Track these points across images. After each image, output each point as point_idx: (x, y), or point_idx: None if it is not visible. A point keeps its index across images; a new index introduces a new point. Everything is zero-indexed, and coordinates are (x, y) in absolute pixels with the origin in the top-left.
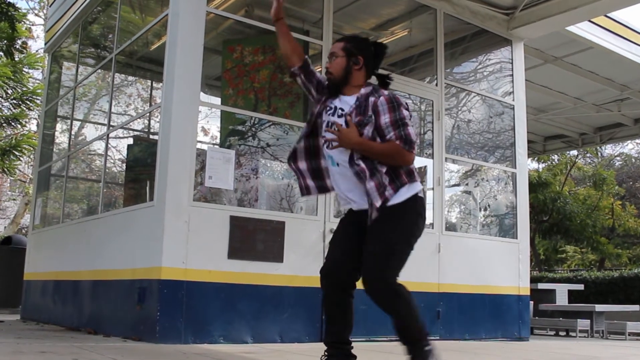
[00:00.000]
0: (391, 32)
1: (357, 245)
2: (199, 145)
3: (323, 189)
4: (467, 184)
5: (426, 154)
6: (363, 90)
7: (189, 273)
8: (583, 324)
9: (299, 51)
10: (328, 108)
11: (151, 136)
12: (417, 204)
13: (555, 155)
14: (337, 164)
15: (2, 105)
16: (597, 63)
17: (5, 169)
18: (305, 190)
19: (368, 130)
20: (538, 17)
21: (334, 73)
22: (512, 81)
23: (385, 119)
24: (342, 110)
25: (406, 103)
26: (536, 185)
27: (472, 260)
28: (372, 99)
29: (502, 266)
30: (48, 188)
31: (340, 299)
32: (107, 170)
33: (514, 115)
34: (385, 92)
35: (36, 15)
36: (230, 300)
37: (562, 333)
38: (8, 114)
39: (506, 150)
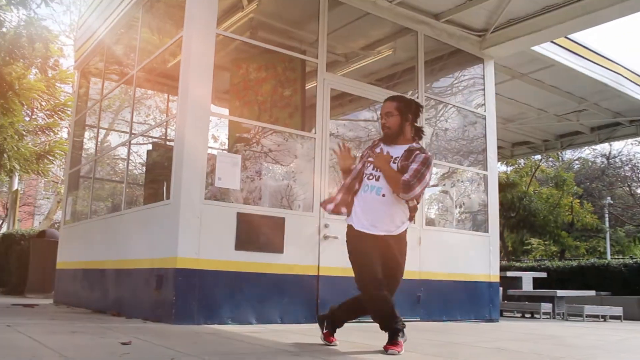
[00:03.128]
0: (378, 52)
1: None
2: (209, 151)
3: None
4: (444, 185)
5: None
6: (415, 145)
7: (201, 262)
8: (546, 307)
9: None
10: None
11: (168, 142)
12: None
13: (522, 159)
14: (383, 195)
15: (37, 116)
16: (559, 78)
17: (40, 172)
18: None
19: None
20: (507, 38)
21: (392, 128)
22: (484, 94)
23: (414, 165)
24: (394, 155)
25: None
26: (505, 186)
27: (448, 251)
28: (417, 152)
29: (475, 256)
30: (77, 188)
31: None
32: (129, 172)
33: (485, 124)
34: (429, 153)
35: (67, 36)
36: (238, 286)
37: (528, 315)
38: (42, 123)
39: (478, 155)
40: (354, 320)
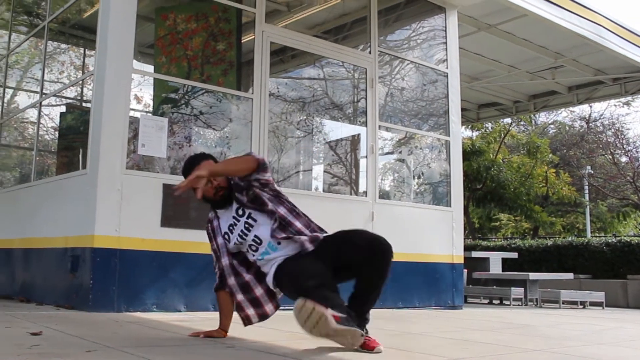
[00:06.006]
0: (324, 0)
1: None
2: (131, 113)
3: (263, 316)
4: (400, 152)
5: (360, 122)
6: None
7: (122, 241)
8: (517, 292)
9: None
10: (231, 225)
11: (84, 104)
12: None
13: (489, 123)
14: (279, 244)
15: None
16: (531, 31)
17: None
18: (246, 320)
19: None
20: None
21: (224, 185)
22: (446, 49)
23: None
24: (241, 211)
25: None
26: (470, 153)
27: (405, 228)
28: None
29: (435, 234)
30: None
31: None
32: (39, 138)
33: (447, 83)
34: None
35: None
36: (164, 268)
37: (496, 301)
38: None
39: (440, 118)
40: None
